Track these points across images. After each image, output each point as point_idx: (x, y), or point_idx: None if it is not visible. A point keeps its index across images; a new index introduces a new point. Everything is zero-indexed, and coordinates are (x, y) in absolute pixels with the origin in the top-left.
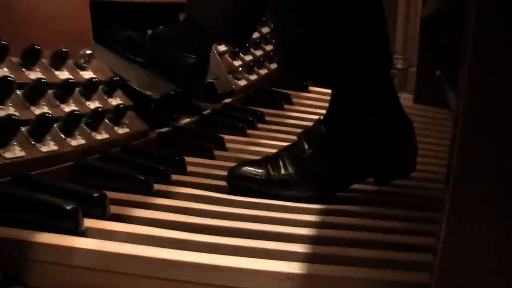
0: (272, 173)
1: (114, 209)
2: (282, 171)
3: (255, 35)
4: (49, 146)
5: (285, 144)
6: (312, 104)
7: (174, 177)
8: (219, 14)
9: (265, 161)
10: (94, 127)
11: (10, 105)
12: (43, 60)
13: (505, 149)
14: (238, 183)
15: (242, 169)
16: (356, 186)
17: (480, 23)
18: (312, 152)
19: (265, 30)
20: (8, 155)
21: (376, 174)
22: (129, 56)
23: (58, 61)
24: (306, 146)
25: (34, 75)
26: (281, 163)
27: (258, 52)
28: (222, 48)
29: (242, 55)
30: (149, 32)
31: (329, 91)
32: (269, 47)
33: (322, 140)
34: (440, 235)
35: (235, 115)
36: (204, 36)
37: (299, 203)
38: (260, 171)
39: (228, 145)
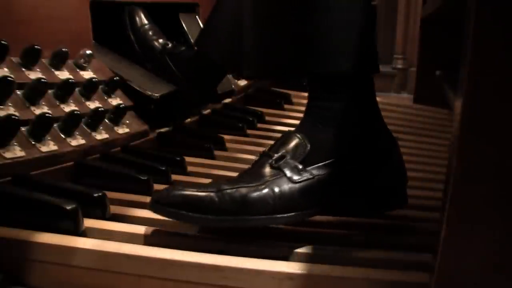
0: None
1: (114, 209)
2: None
3: None
4: (49, 146)
5: None
6: None
7: (174, 177)
8: (229, 50)
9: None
10: (94, 127)
11: (10, 105)
12: (43, 60)
13: (505, 149)
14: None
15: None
16: None
17: (480, 23)
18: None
19: None
20: (8, 155)
21: (351, 204)
22: (136, 48)
23: (58, 61)
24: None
25: (34, 75)
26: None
27: None
28: None
29: None
30: (169, 46)
31: None
32: None
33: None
34: (440, 235)
35: (235, 115)
36: (217, 68)
37: None
38: (208, 189)
39: (228, 145)
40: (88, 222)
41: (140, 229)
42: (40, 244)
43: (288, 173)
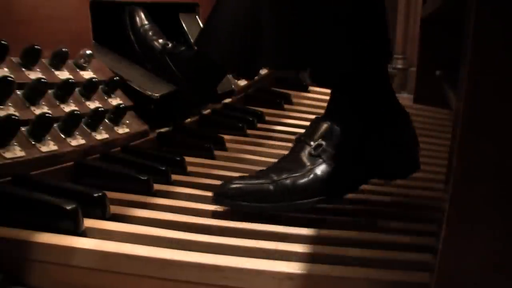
0: (276, 179)
1: (114, 209)
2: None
3: None
4: (49, 146)
5: (285, 144)
6: (312, 104)
7: (174, 177)
8: (229, 50)
9: (266, 172)
10: (94, 127)
11: (10, 105)
12: (43, 60)
13: (505, 149)
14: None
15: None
16: None
17: (480, 23)
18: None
19: None
20: (8, 155)
21: (378, 173)
22: (136, 48)
23: (58, 61)
24: (311, 150)
25: (34, 75)
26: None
27: None
28: None
29: None
30: (169, 46)
31: (328, 91)
32: None
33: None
34: (440, 235)
35: (235, 115)
36: (217, 68)
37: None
38: (260, 181)
39: (228, 145)
40: (88, 222)
41: (140, 229)
42: (40, 244)
43: (327, 159)
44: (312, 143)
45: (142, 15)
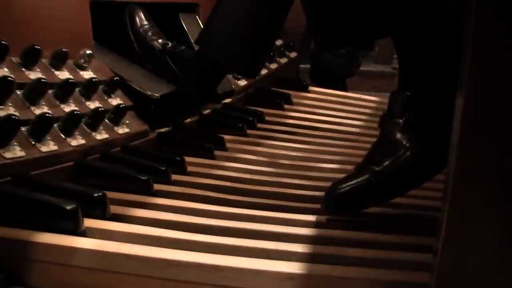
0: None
1: (114, 209)
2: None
3: None
4: (49, 146)
5: (285, 144)
6: (312, 104)
7: (174, 177)
8: (229, 50)
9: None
10: (94, 127)
11: (10, 105)
12: (43, 60)
13: (505, 149)
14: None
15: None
16: None
17: (480, 23)
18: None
19: None
20: (8, 155)
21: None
22: (136, 48)
23: (58, 61)
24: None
25: (34, 75)
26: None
27: None
28: None
29: None
30: (169, 45)
31: (328, 91)
32: None
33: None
34: (440, 235)
35: (235, 115)
36: (217, 68)
37: (308, 203)
38: (363, 177)
39: (228, 145)
40: (88, 222)
41: (140, 229)
42: (40, 244)
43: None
44: (399, 120)
45: (142, 15)
